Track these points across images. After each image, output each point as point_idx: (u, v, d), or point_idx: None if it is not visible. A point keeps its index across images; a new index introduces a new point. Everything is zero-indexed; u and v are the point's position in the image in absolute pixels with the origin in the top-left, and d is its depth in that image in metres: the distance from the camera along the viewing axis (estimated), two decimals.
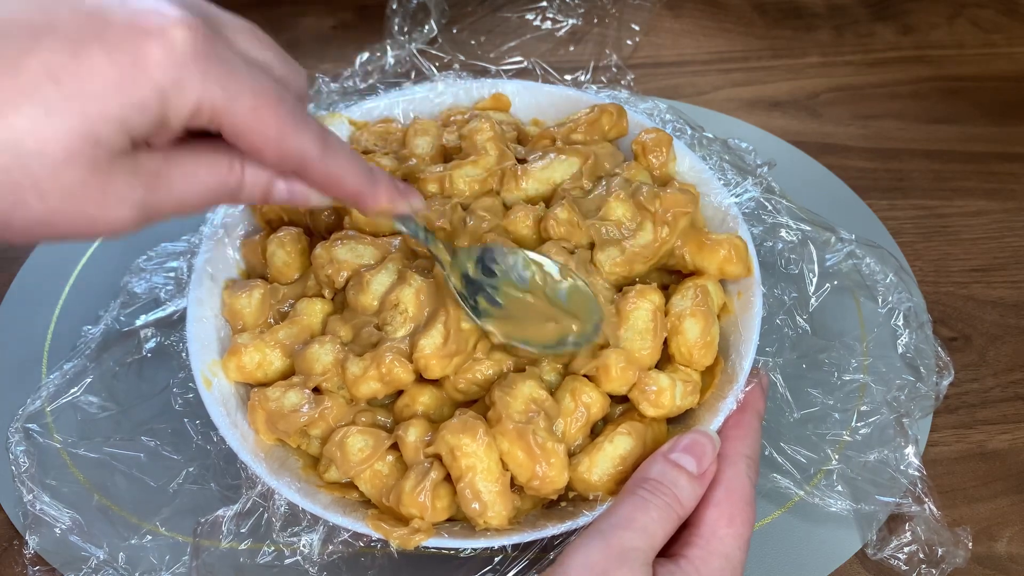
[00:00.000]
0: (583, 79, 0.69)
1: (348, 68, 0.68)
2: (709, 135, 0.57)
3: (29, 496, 0.47)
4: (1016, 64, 0.73)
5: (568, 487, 0.41)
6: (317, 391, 0.43)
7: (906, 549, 0.45)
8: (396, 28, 0.70)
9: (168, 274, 0.55)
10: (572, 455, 0.41)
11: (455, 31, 0.74)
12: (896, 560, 0.45)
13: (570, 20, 0.75)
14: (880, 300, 0.54)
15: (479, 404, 0.43)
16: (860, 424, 0.49)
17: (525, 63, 0.71)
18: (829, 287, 0.52)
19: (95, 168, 0.28)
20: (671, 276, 0.48)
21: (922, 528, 0.45)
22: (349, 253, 0.45)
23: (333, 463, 0.42)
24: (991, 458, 0.50)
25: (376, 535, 0.39)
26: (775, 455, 0.47)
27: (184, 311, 0.47)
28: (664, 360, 0.45)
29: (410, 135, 0.52)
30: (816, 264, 0.52)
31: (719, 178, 0.51)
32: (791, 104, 0.70)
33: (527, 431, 0.39)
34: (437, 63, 0.69)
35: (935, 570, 0.44)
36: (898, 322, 0.53)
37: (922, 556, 0.45)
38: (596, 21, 0.75)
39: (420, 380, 0.44)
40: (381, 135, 0.53)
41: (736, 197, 0.51)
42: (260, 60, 0.32)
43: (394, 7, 0.70)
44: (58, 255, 0.60)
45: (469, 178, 0.48)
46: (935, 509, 0.45)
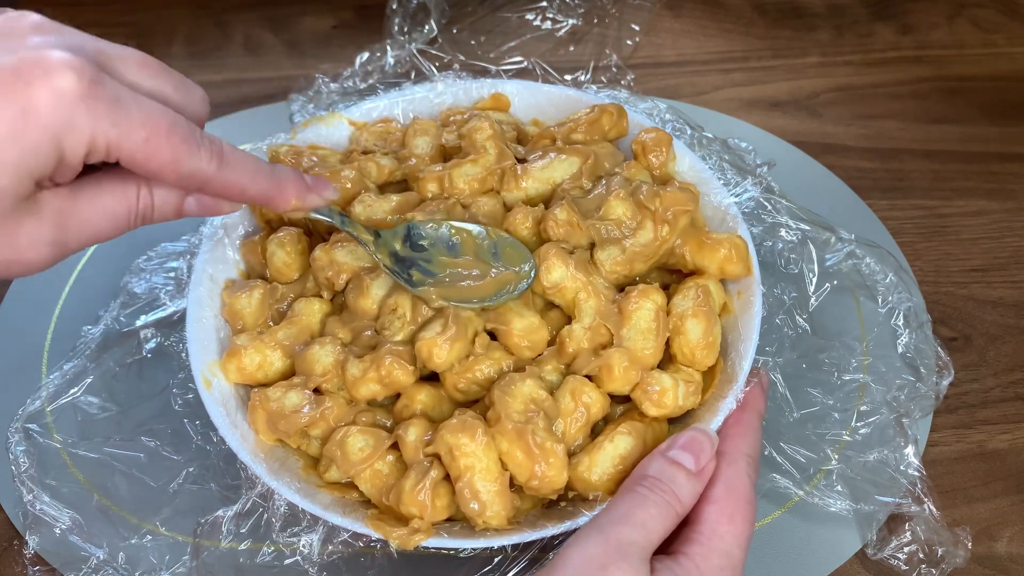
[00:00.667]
0: (583, 79, 0.69)
1: (348, 68, 0.68)
2: (709, 135, 0.57)
3: (29, 496, 0.47)
4: (1016, 64, 0.73)
5: (568, 487, 0.41)
6: (317, 391, 0.43)
7: (906, 549, 0.45)
8: (396, 28, 0.70)
9: (168, 274, 0.55)
10: (572, 455, 0.41)
11: (455, 31, 0.74)
12: (896, 560, 0.45)
13: (570, 20, 0.75)
14: (880, 300, 0.54)
15: (479, 404, 0.43)
16: (860, 424, 0.49)
17: (525, 63, 0.71)
18: (829, 287, 0.52)
19: (2, 216, 0.30)
20: (671, 275, 0.48)
21: (922, 528, 0.45)
22: (349, 256, 0.45)
23: (333, 463, 0.42)
24: (991, 458, 0.50)
25: (376, 535, 0.39)
26: (775, 455, 0.47)
27: (184, 311, 0.47)
28: (666, 360, 0.45)
29: (409, 135, 0.52)
30: (816, 264, 0.52)
31: (719, 178, 0.51)
32: (791, 104, 0.70)
33: (526, 431, 0.39)
34: (437, 63, 0.69)
35: (935, 570, 0.44)
36: (898, 322, 0.53)
37: (922, 556, 0.45)
38: (596, 21, 0.75)
39: (418, 380, 0.44)
40: (381, 135, 0.53)
41: (736, 197, 0.51)
42: (152, 89, 0.34)
43: (394, 7, 0.70)
44: None
45: (469, 177, 0.48)
46: (935, 509, 0.45)
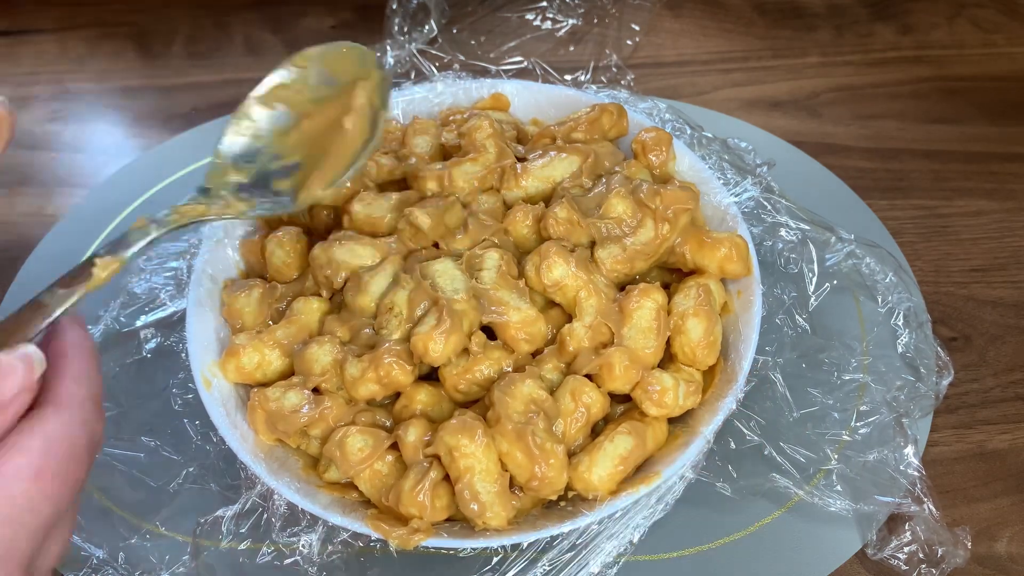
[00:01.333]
0: (583, 79, 0.69)
1: None
2: (708, 135, 0.57)
3: None
4: (1016, 64, 0.73)
5: (568, 487, 0.41)
6: (316, 391, 0.43)
7: (906, 549, 0.45)
8: (396, 28, 0.70)
9: (168, 274, 0.55)
10: (572, 455, 0.41)
11: (455, 31, 0.74)
12: (896, 560, 0.45)
13: (570, 20, 0.75)
14: (880, 300, 0.54)
15: (479, 404, 0.43)
16: (860, 424, 0.49)
17: (525, 63, 0.71)
18: (829, 287, 0.52)
19: None
20: (671, 274, 0.48)
21: (922, 528, 0.45)
22: (347, 254, 0.45)
23: (333, 463, 0.42)
24: (991, 458, 0.50)
25: (375, 535, 0.39)
26: (775, 455, 0.47)
27: (184, 311, 0.47)
28: (666, 359, 0.45)
29: (409, 134, 0.52)
30: (816, 264, 0.52)
31: (719, 177, 0.51)
32: (791, 104, 0.70)
33: (526, 432, 0.39)
34: (437, 63, 0.69)
35: (935, 570, 0.44)
36: (898, 322, 0.53)
37: (922, 556, 0.45)
38: (596, 21, 0.75)
39: (417, 380, 0.44)
40: None
41: (736, 197, 0.51)
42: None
43: (394, 7, 0.70)
44: (58, 255, 0.60)
45: (469, 175, 0.48)
46: (935, 509, 0.45)
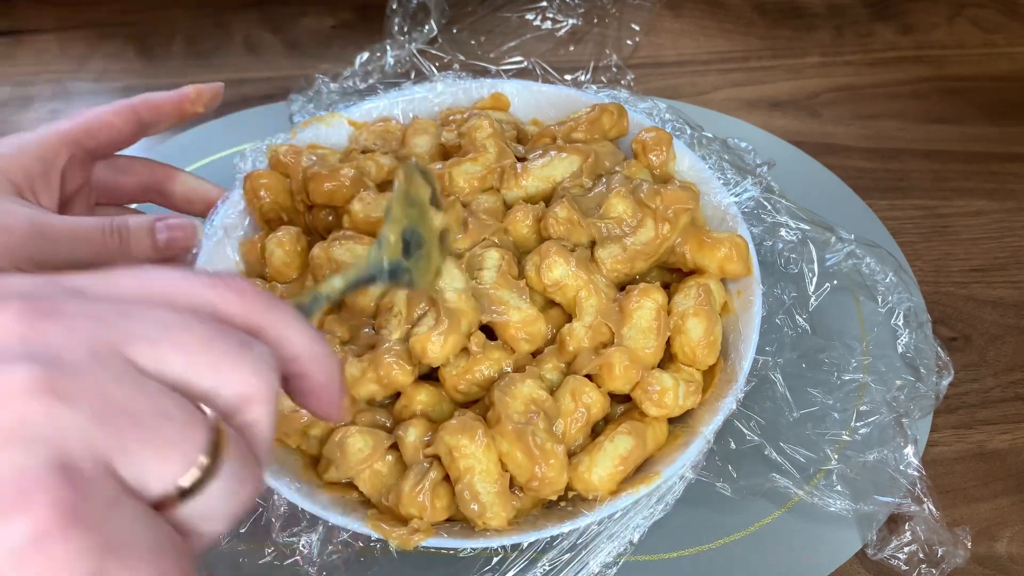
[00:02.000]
0: (583, 79, 0.69)
1: (348, 68, 0.68)
2: (708, 135, 0.57)
3: None
4: (1016, 64, 0.73)
5: (568, 487, 0.41)
6: None
7: (906, 549, 0.45)
8: (396, 28, 0.70)
9: None
10: (572, 455, 0.41)
11: (455, 31, 0.74)
12: (896, 560, 0.45)
13: (570, 20, 0.75)
14: (880, 300, 0.54)
15: (479, 404, 0.43)
16: (860, 424, 0.48)
17: (525, 63, 0.71)
18: (829, 287, 0.52)
19: None
20: (671, 274, 0.48)
21: (922, 528, 0.45)
22: (347, 254, 0.45)
23: (333, 463, 0.42)
24: (991, 458, 0.50)
25: (375, 535, 0.39)
26: (775, 455, 0.47)
27: None
28: (666, 359, 0.45)
29: (409, 134, 0.52)
30: (816, 264, 0.52)
31: (719, 177, 0.51)
32: (791, 104, 0.70)
33: (526, 432, 0.39)
34: (437, 63, 0.69)
35: (935, 570, 0.44)
36: (898, 322, 0.53)
37: (922, 556, 0.45)
38: (596, 21, 0.75)
39: (417, 379, 0.44)
40: (380, 134, 0.53)
41: (736, 197, 0.51)
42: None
43: (394, 7, 0.70)
44: None
45: (469, 175, 0.48)
46: (935, 509, 0.45)
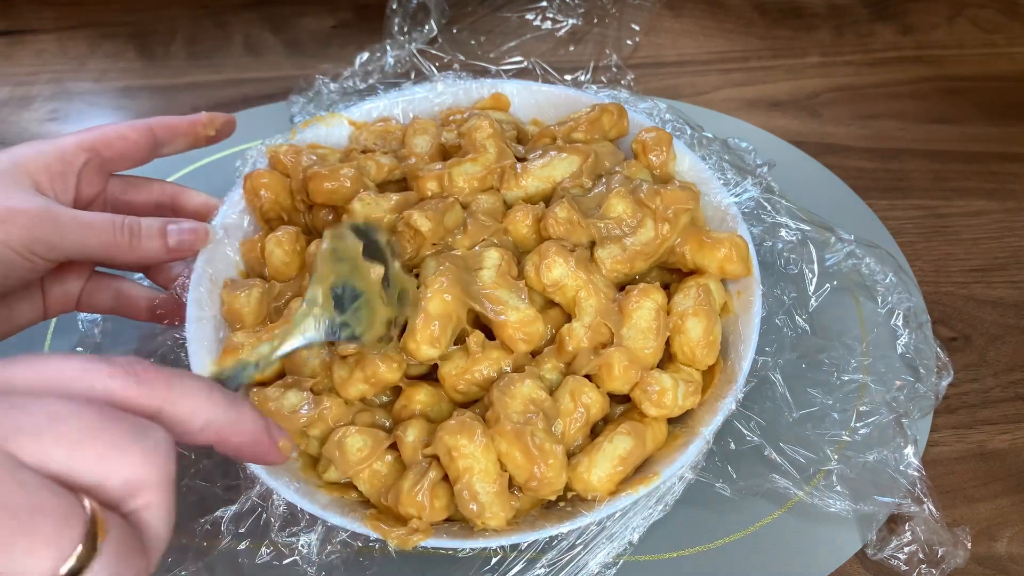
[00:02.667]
0: (583, 79, 0.69)
1: (348, 68, 0.68)
2: (709, 135, 0.57)
3: None
4: (1016, 64, 0.73)
5: (567, 487, 0.41)
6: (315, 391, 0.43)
7: (906, 549, 0.45)
8: (396, 28, 0.70)
9: None
10: (571, 455, 0.41)
11: (455, 31, 0.74)
12: (896, 560, 0.45)
13: (570, 20, 0.75)
14: (880, 300, 0.54)
15: (478, 404, 0.43)
16: (859, 424, 0.48)
17: (525, 63, 0.71)
18: (829, 287, 0.52)
19: None
20: (671, 274, 0.48)
21: (922, 528, 0.45)
22: None
23: (332, 463, 0.42)
24: (991, 458, 0.50)
25: (374, 535, 0.39)
26: (774, 455, 0.47)
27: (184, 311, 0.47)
28: (665, 359, 0.45)
29: (409, 134, 0.52)
30: (816, 264, 0.52)
31: (719, 178, 0.51)
32: (791, 104, 0.70)
33: (525, 432, 0.39)
34: (437, 63, 0.69)
35: (935, 570, 0.44)
36: (898, 322, 0.53)
37: (922, 556, 0.45)
38: (596, 21, 0.75)
39: (416, 379, 0.44)
40: (380, 134, 0.53)
41: (736, 197, 0.51)
42: None
43: (394, 7, 0.70)
44: None
45: (468, 175, 0.48)
46: (935, 509, 0.45)
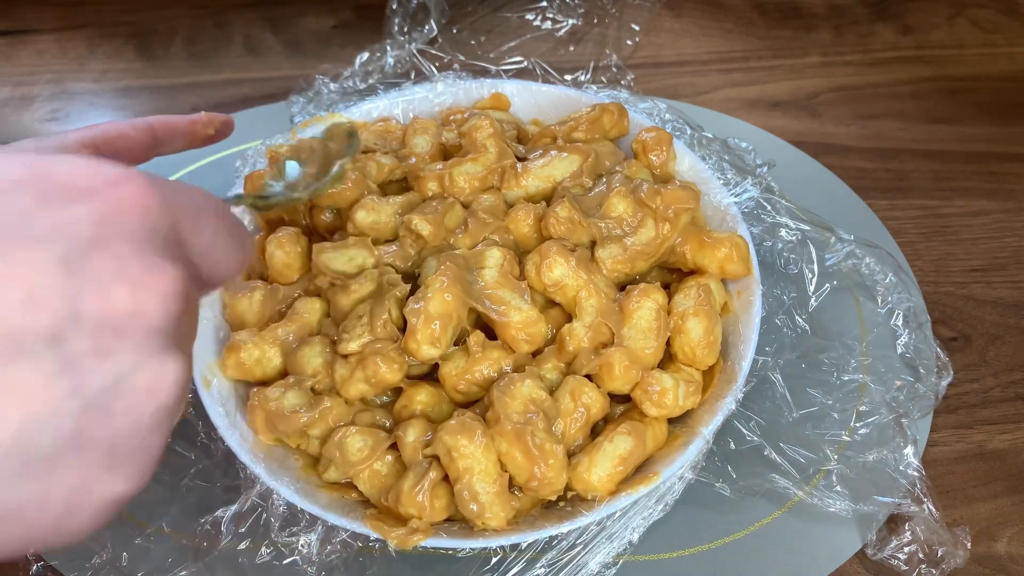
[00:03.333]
0: (583, 79, 0.69)
1: (348, 68, 0.68)
2: (708, 135, 0.57)
3: None
4: (1016, 64, 0.73)
5: (567, 487, 0.41)
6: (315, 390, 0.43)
7: (906, 549, 0.45)
8: (396, 28, 0.70)
9: None
10: (572, 455, 0.41)
11: (455, 31, 0.74)
12: (896, 560, 0.45)
13: (570, 20, 0.75)
14: (879, 300, 0.54)
15: (479, 404, 0.43)
16: (859, 424, 0.48)
17: (525, 63, 0.71)
18: (829, 287, 0.52)
19: None
20: (671, 274, 0.48)
21: (922, 528, 0.45)
22: (348, 263, 0.45)
23: (332, 463, 0.42)
24: (991, 458, 0.50)
25: (374, 535, 0.39)
26: (774, 455, 0.47)
27: None
28: (666, 359, 0.45)
29: (409, 134, 0.52)
30: (816, 264, 0.52)
31: (719, 178, 0.51)
32: (791, 104, 0.70)
33: (525, 432, 0.39)
34: (437, 63, 0.69)
35: (935, 570, 0.44)
36: (897, 322, 0.53)
37: (922, 556, 0.45)
38: (596, 21, 0.75)
39: (417, 379, 0.44)
40: (380, 134, 0.53)
41: (736, 197, 0.51)
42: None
43: (394, 7, 0.70)
44: None
45: (469, 175, 0.48)
46: (934, 509, 0.45)
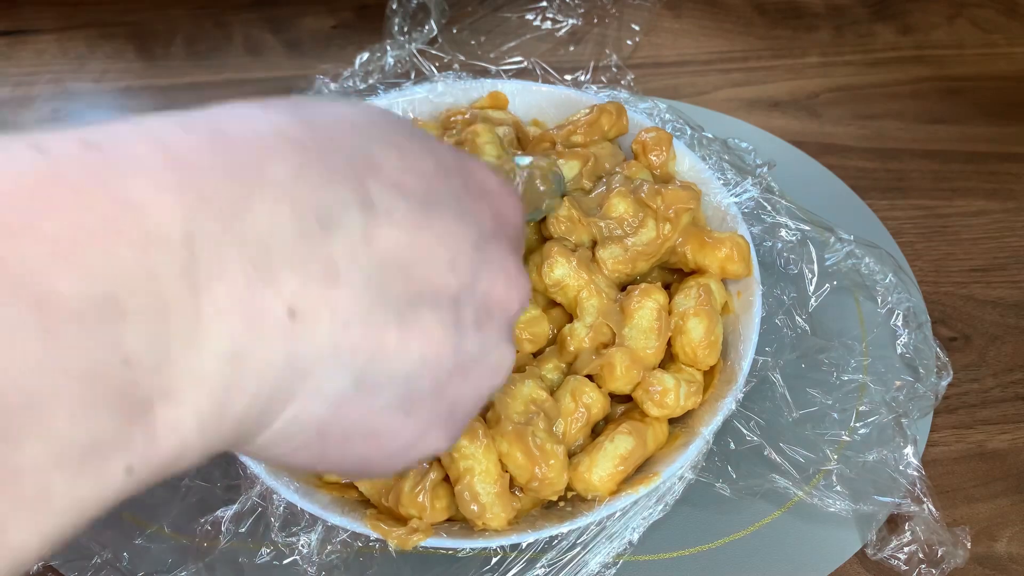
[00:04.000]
0: (583, 79, 0.69)
1: (348, 68, 0.68)
2: (708, 135, 0.57)
3: None
4: (1016, 64, 0.73)
5: (568, 487, 0.41)
6: None
7: (906, 549, 0.45)
8: (396, 28, 0.70)
9: None
10: (572, 455, 0.41)
11: (455, 31, 0.74)
12: (896, 560, 0.45)
13: (570, 20, 0.75)
14: (879, 300, 0.54)
15: None
16: (859, 424, 0.48)
17: (525, 63, 0.71)
18: (828, 287, 0.52)
19: None
20: (672, 274, 0.48)
21: (922, 528, 0.45)
22: None
23: None
24: (991, 458, 0.50)
25: (374, 535, 0.39)
26: (774, 455, 0.47)
27: None
28: (667, 360, 0.45)
29: None
30: (815, 264, 0.52)
31: (719, 178, 0.51)
32: (791, 104, 0.70)
33: (526, 432, 0.39)
34: (437, 63, 0.69)
35: (935, 570, 0.44)
36: (897, 322, 0.53)
37: (922, 556, 0.45)
38: (596, 21, 0.75)
39: None
40: None
41: (736, 197, 0.51)
42: None
43: (394, 7, 0.70)
44: None
45: None
46: (934, 509, 0.45)
